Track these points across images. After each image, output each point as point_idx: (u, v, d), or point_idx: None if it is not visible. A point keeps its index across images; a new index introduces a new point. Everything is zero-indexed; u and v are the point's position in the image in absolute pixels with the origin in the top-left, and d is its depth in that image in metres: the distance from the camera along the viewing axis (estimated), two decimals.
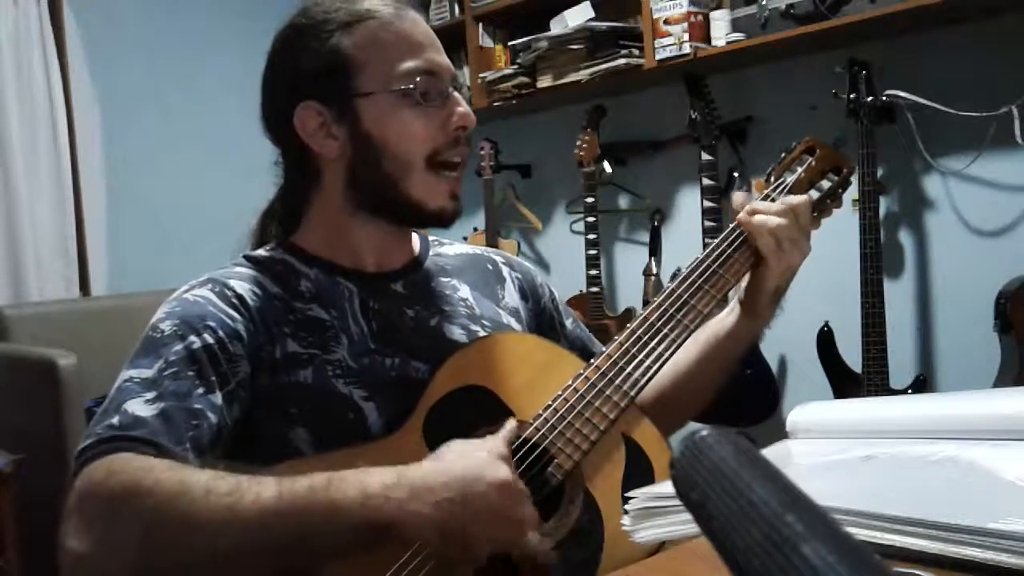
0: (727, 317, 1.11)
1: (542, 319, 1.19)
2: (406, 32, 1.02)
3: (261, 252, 1.07)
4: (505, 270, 1.20)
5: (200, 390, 0.90)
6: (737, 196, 1.09)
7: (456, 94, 1.03)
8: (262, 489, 0.78)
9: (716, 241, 1.06)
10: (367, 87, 1.00)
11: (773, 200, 1.08)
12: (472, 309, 1.10)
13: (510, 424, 0.92)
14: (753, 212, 1.04)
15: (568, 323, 1.22)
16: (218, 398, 0.91)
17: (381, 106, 1.00)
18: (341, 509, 0.78)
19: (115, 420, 0.86)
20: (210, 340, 0.93)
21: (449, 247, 1.19)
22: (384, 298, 1.05)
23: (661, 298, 1.02)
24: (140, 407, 0.87)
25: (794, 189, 1.10)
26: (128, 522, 0.79)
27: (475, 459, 0.82)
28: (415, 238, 1.15)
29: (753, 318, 1.09)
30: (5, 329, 1.86)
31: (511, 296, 1.17)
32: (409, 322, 1.05)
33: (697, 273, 1.03)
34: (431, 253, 1.15)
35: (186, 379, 0.90)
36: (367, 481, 0.80)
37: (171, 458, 0.83)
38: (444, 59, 1.04)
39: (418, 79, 1.00)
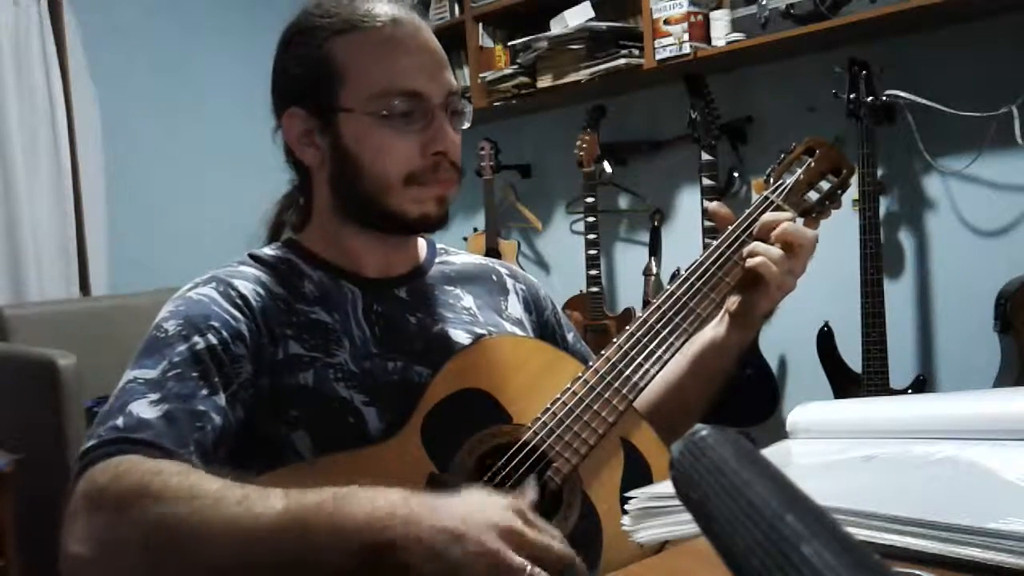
0: (713, 331, 1.09)
1: (544, 332, 1.19)
2: (398, 44, 0.99)
3: (267, 251, 1.07)
4: (509, 282, 1.19)
5: (204, 391, 0.90)
6: (712, 207, 1.09)
7: (442, 118, 1.00)
8: (269, 503, 0.78)
9: (715, 244, 1.05)
10: (348, 103, 0.99)
11: (770, 200, 1.08)
12: (475, 317, 1.10)
13: (532, 489, 0.89)
14: (752, 254, 1.02)
15: (569, 337, 1.22)
16: (222, 399, 0.91)
17: (360, 124, 0.99)
18: (346, 529, 0.77)
19: (119, 421, 0.85)
20: (214, 341, 0.93)
21: (456, 256, 1.18)
22: (387, 303, 1.05)
23: (660, 301, 1.01)
24: (144, 408, 0.86)
25: (793, 190, 1.09)
26: (134, 526, 0.78)
27: (487, 502, 0.80)
28: (421, 244, 1.15)
29: (745, 331, 1.08)
30: (5, 329, 1.86)
31: (514, 307, 1.16)
32: (412, 327, 1.04)
33: (696, 276, 1.02)
34: (437, 260, 1.14)
35: (190, 380, 0.90)
36: (374, 503, 0.78)
37: (175, 461, 0.82)
38: (438, 75, 1.00)
39: (396, 102, 0.97)
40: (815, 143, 1.13)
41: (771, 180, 1.11)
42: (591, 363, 0.98)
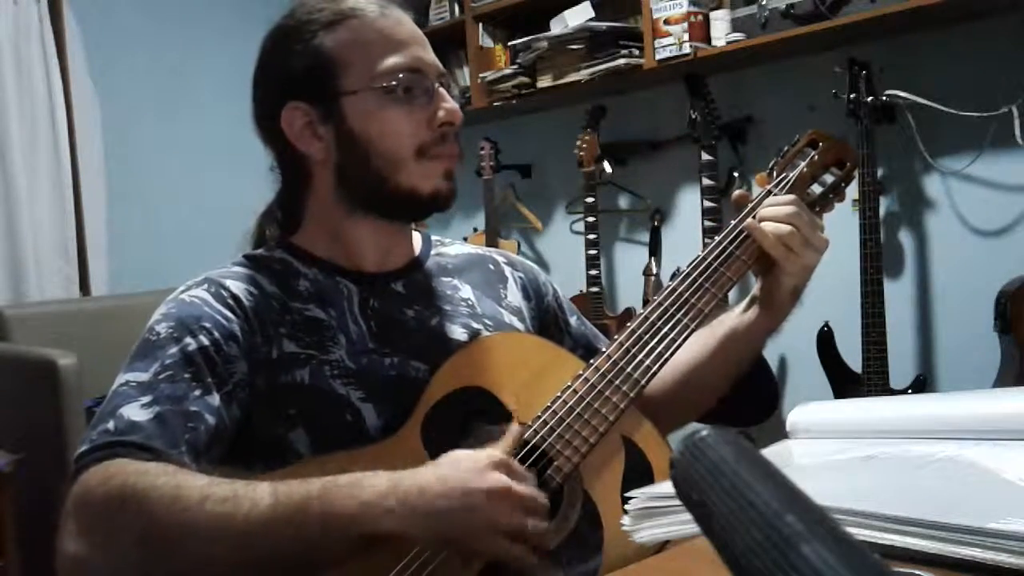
0: (745, 314, 1.09)
1: (546, 318, 1.19)
2: (389, 30, 1.01)
3: (261, 251, 1.07)
4: (507, 270, 1.19)
5: (196, 392, 0.90)
6: (736, 194, 1.08)
7: (442, 90, 1.03)
8: (258, 498, 0.78)
9: (718, 239, 1.04)
10: (351, 86, 1.00)
11: (773, 194, 1.07)
12: (474, 308, 1.10)
13: (513, 430, 0.91)
14: (761, 220, 1.02)
15: (573, 320, 1.21)
16: (215, 400, 0.91)
17: (365, 104, 1.00)
18: (337, 521, 0.78)
19: (111, 425, 0.86)
20: (206, 342, 0.93)
21: (451, 247, 1.18)
22: (384, 297, 1.05)
23: (662, 296, 1.01)
24: (136, 411, 0.87)
25: (796, 184, 1.08)
26: (124, 528, 0.79)
27: (471, 468, 0.82)
28: (416, 237, 1.15)
29: (772, 315, 1.07)
30: (5, 329, 1.86)
31: (513, 295, 1.16)
32: (409, 322, 1.04)
33: (699, 271, 1.02)
34: (432, 253, 1.14)
35: (182, 382, 0.90)
36: (363, 491, 0.79)
37: (167, 462, 0.83)
38: (429, 56, 1.04)
39: (401, 76, 1.00)
40: (818, 136, 1.11)
41: (774, 173, 1.10)
42: (593, 360, 0.98)
